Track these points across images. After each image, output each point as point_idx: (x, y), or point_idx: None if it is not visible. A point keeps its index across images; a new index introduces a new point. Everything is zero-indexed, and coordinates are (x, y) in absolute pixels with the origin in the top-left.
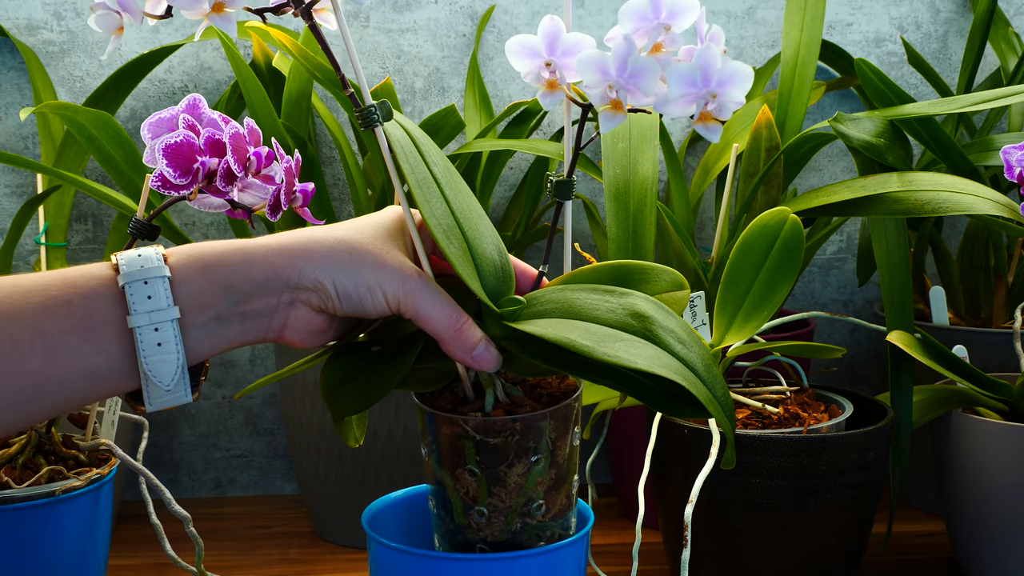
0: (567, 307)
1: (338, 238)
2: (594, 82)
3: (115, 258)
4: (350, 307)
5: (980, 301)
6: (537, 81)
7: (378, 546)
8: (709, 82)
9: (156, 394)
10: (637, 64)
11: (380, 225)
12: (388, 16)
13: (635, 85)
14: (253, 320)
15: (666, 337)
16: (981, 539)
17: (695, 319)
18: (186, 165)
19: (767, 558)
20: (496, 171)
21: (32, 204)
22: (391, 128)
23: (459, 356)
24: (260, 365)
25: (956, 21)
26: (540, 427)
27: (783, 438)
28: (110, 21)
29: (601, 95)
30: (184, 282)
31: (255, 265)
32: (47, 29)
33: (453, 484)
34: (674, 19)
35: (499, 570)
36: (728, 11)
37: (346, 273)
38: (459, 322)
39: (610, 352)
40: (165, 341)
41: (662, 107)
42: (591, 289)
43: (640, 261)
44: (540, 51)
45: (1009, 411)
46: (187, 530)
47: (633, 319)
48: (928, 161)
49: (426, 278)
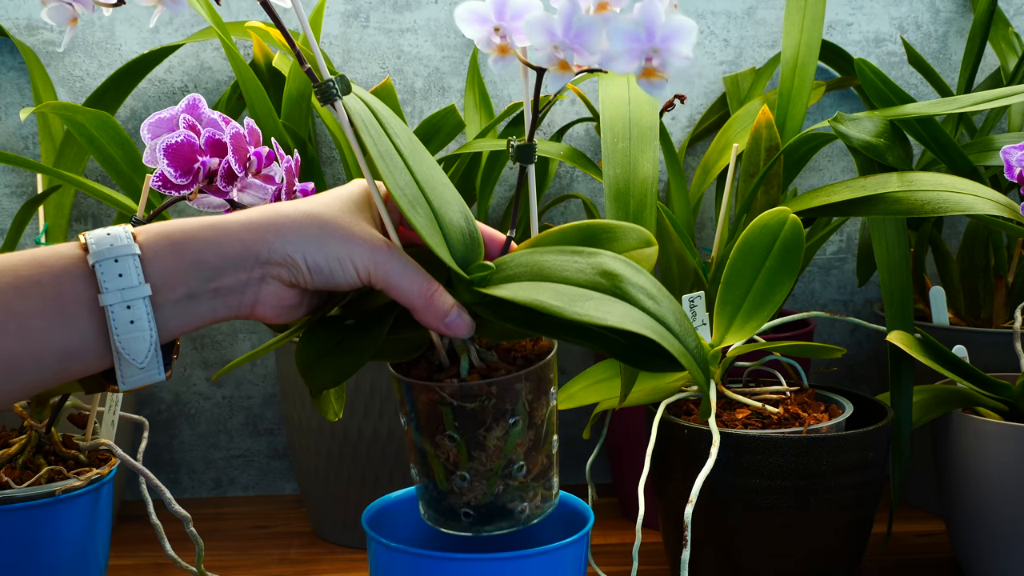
0: (536, 270)
1: (306, 211)
2: (541, 44)
3: (83, 237)
4: (321, 280)
5: (980, 301)
6: (488, 47)
7: (378, 546)
8: (653, 37)
9: (129, 372)
10: (581, 23)
11: (347, 198)
12: (388, 16)
13: (580, 44)
14: (224, 296)
15: (636, 293)
16: (981, 539)
17: (695, 319)
18: (187, 165)
19: (767, 558)
20: (496, 171)
21: (32, 204)
22: (351, 101)
23: (432, 324)
24: (260, 364)
25: (956, 21)
26: (516, 389)
27: (783, 438)
28: (63, 13)
29: (548, 56)
30: (154, 259)
31: (225, 240)
32: (47, 29)
33: (434, 451)
34: None
35: (499, 570)
36: (728, 11)
37: (316, 246)
38: (430, 290)
39: (580, 311)
40: (137, 319)
41: (607, 64)
42: (559, 251)
43: (607, 221)
44: (489, 16)
45: (1009, 411)
46: (187, 530)
47: (602, 277)
48: (928, 161)
49: (395, 249)
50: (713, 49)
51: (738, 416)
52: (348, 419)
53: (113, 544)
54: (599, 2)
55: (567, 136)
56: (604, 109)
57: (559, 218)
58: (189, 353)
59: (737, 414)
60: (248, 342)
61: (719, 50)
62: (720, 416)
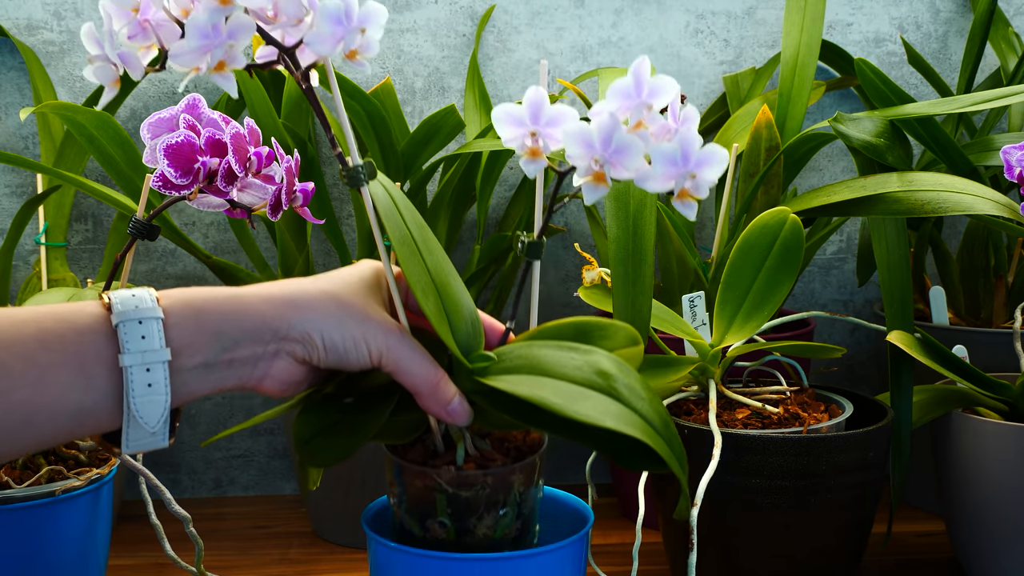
0: (535, 363)
1: (325, 290)
2: (579, 155)
3: (107, 297)
4: (335, 359)
5: (980, 301)
6: (521, 149)
7: (378, 546)
8: (688, 162)
9: (137, 436)
10: (622, 140)
11: (361, 279)
12: (388, 16)
13: (618, 160)
14: (237, 368)
15: (628, 394)
16: (981, 539)
17: (695, 319)
18: (187, 165)
19: (767, 558)
20: (496, 171)
21: (32, 204)
22: (375, 188)
23: (434, 410)
24: None
25: (956, 21)
26: (510, 481)
27: (783, 438)
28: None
29: (586, 168)
30: (177, 325)
31: (246, 313)
32: (47, 29)
33: (423, 534)
34: (655, 97)
35: (499, 570)
36: (728, 11)
37: (334, 325)
38: (436, 377)
39: (581, 411)
40: (155, 382)
41: (643, 182)
42: (556, 346)
43: (599, 318)
44: (525, 120)
45: (1009, 411)
46: (187, 530)
47: (598, 377)
48: (928, 161)
49: (406, 333)
50: (713, 49)
51: (738, 416)
52: None
53: (113, 544)
54: (637, 120)
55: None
56: None
57: (558, 218)
58: None
59: (737, 414)
60: None
61: (719, 50)
62: (720, 416)
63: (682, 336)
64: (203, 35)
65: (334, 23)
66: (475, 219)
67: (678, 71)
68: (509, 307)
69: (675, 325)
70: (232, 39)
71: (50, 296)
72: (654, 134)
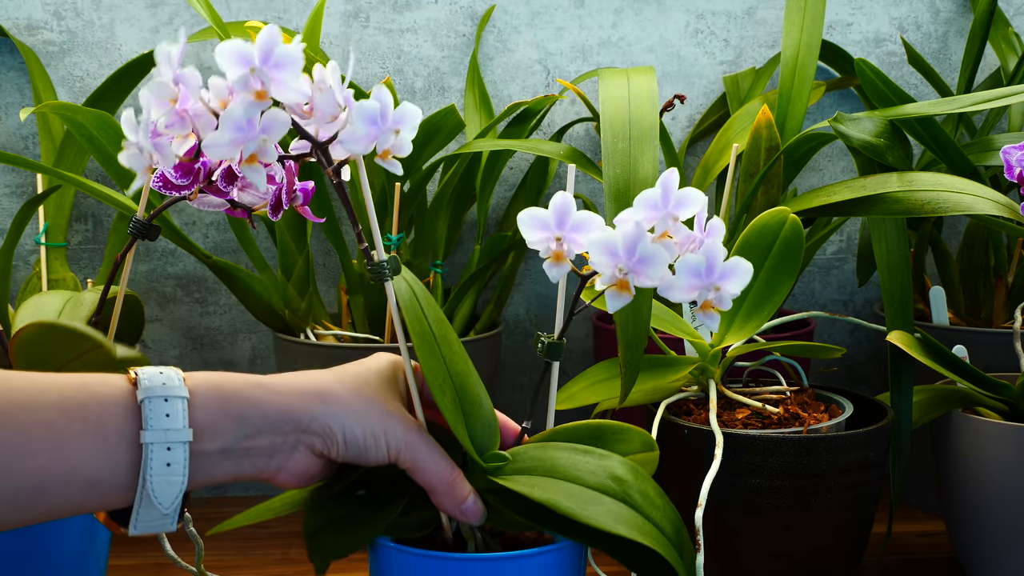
0: (549, 466)
1: (350, 385)
2: (603, 263)
3: (134, 372)
4: (354, 453)
5: (980, 301)
6: (546, 253)
7: (378, 546)
8: (712, 274)
9: (148, 516)
10: (646, 251)
11: (379, 373)
12: (388, 16)
13: (643, 270)
14: (254, 457)
15: (641, 501)
16: (981, 539)
17: (695, 319)
18: (187, 165)
19: (767, 558)
20: (496, 171)
21: (32, 204)
22: (399, 284)
23: (448, 508)
24: (260, 366)
25: (956, 21)
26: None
27: (783, 438)
28: (141, 161)
29: (610, 276)
30: (201, 407)
31: (271, 402)
32: (47, 29)
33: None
34: (681, 209)
35: (499, 570)
36: (728, 11)
37: (355, 420)
38: (452, 476)
39: (593, 517)
40: (174, 462)
41: (666, 292)
42: (572, 449)
43: (616, 423)
44: (550, 224)
45: (1009, 411)
46: (187, 530)
47: (613, 482)
48: (928, 161)
49: (424, 431)
50: (713, 49)
51: (738, 416)
52: None
53: (113, 544)
54: (663, 231)
55: (567, 136)
56: (604, 109)
57: None
58: (189, 353)
59: (737, 414)
60: (248, 342)
61: (719, 50)
62: (720, 416)
63: (682, 336)
64: (237, 128)
65: (369, 123)
66: (475, 219)
67: (678, 71)
68: (523, 394)
69: (675, 325)
70: (266, 133)
71: (50, 297)
72: (679, 244)
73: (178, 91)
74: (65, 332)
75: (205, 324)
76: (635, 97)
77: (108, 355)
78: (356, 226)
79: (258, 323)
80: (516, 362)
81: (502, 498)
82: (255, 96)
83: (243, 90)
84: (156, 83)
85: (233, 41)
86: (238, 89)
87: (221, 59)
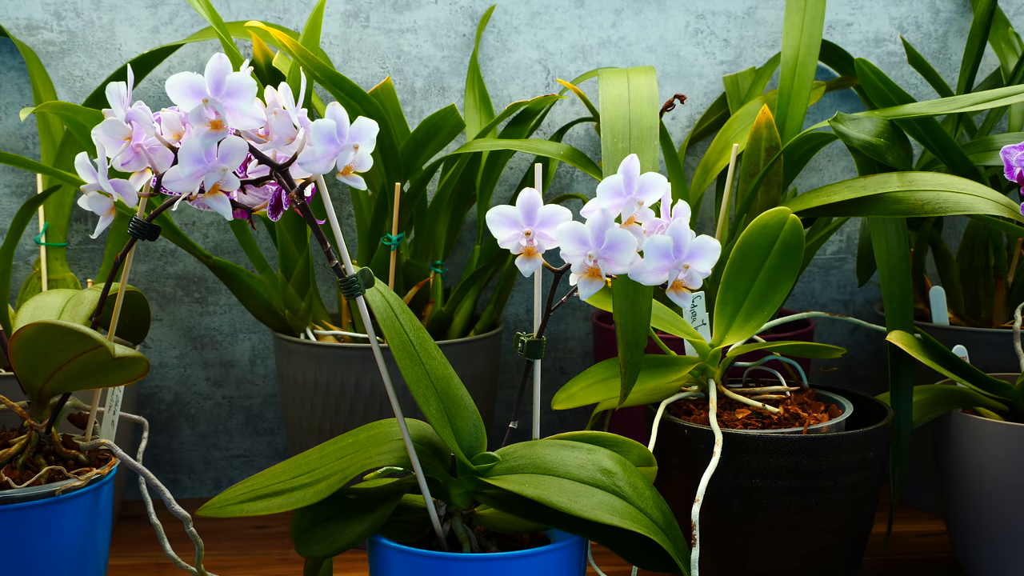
0: (539, 462)
1: None
2: (573, 252)
3: None
4: None
5: (980, 301)
6: (517, 249)
7: (378, 546)
8: (680, 253)
9: None
10: (614, 236)
11: None
12: (388, 16)
13: (612, 256)
14: None
15: (630, 492)
16: (981, 539)
17: (695, 319)
18: None
19: (767, 558)
20: (496, 171)
21: (32, 204)
22: (372, 296)
23: None
24: (260, 365)
25: (956, 21)
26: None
27: (783, 438)
28: (102, 203)
29: (580, 264)
30: None
31: None
32: (47, 29)
33: None
34: (645, 194)
35: (499, 570)
36: (728, 11)
37: None
38: None
39: (585, 509)
40: None
41: (637, 276)
42: (560, 445)
43: (613, 435)
44: (519, 220)
45: (1009, 411)
46: (187, 530)
47: (602, 475)
48: (928, 161)
49: None
50: (713, 49)
51: (738, 416)
52: (348, 420)
53: (113, 544)
54: (629, 216)
55: (567, 136)
56: (604, 109)
57: None
58: (189, 353)
59: (737, 414)
60: (248, 342)
61: (719, 50)
62: (720, 416)
63: (682, 336)
64: (196, 160)
65: (327, 141)
66: (475, 219)
67: (678, 71)
68: (510, 394)
69: (675, 325)
70: (224, 162)
71: (50, 297)
72: (646, 229)
73: (131, 128)
74: (65, 332)
75: (205, 324)
76: (635, 97)
77: (108, 355)
78: (324, 245)
79: (258, 323)
80: (516, 362)
81: (496, 500)
82: (210, 127)
83: (198, 122)
84: (108, 122)
85: (182, 74)
86: (193, 121)
87: (173, 92)
